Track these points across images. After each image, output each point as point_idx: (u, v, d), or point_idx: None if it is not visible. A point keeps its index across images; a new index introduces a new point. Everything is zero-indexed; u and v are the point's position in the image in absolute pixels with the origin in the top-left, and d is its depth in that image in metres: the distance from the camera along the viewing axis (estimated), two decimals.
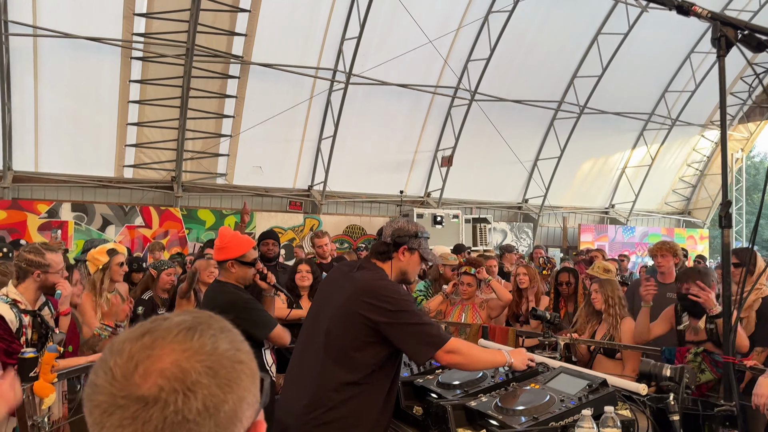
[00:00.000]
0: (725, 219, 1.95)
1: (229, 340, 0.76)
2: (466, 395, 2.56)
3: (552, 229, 16.54)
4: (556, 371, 2.59)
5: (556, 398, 2.33)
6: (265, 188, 12.68)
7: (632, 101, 15.22)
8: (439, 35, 11.72)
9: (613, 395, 2.33)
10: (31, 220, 10.38)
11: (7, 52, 9.66)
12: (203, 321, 0.77)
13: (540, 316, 3.79)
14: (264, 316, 3.31)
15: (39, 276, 3.19)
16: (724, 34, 1.98)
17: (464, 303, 4.92)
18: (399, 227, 2.61)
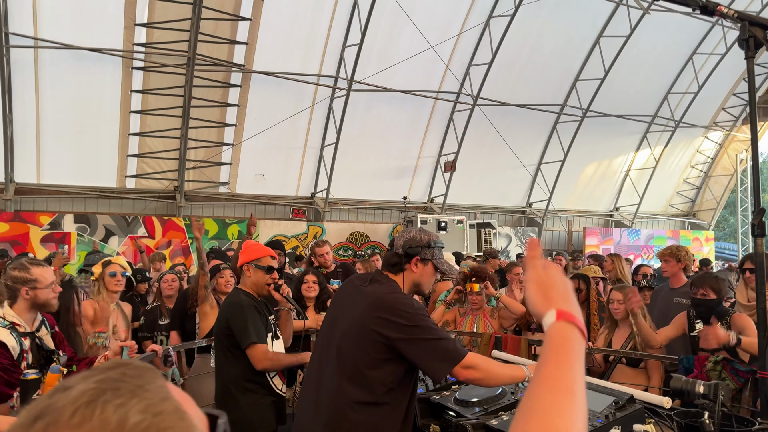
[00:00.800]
0: (758, 228, 1.87)
1: (143, 407, 0.60)
2: (485, 413, 2.48)
3: (557, 233, 16.45)
4: None
5: None
6: (268, 196, 12.62)
7: (635, 104, 15.16)
8: (441, 40, 11.68)
9: (641, 412, 2.25)
10: (33, 232, 10.32)
11: (8, 64, 9.62)
12: (109, 387, 0.61)
13: None
14: (253, 327, 3.18)
15: (28, 293, 3.05)
16: (753, 34, 1.90)
17: (475, 313, 4.84)
18: (411, 237, 2.52)
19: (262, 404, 3.19)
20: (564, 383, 0.82)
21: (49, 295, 3.06)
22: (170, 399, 0.63)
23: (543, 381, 0.83)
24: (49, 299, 3.07)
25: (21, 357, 3.06)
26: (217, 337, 3.35)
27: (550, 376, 0.83)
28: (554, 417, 0.78)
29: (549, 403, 0.79)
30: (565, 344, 0.88)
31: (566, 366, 0.84)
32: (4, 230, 10.09)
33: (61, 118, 10.36)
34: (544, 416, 0.78)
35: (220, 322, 3.31)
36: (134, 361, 0.67)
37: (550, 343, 0.89)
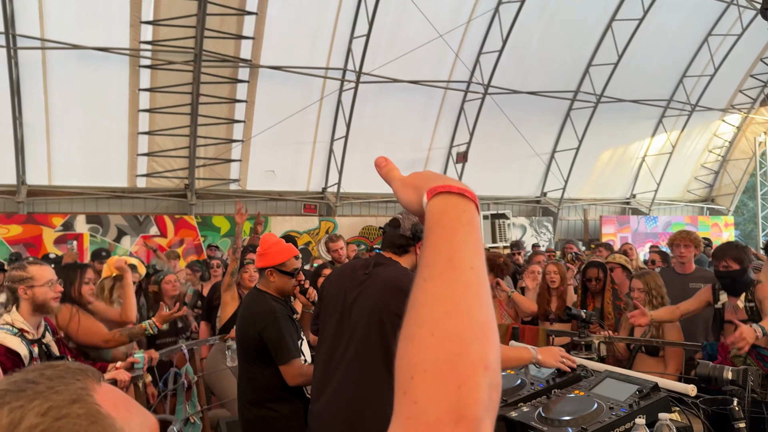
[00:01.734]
0: None
1: (44, 409, 0.57)
2: (505, 405, 2.36)
3: (573, 222, 16.23)
4: (600, 376, 2.38)
5: (604, 406, 2.12)
6: (279, 192, 12.54)
7: (650, 88, 14.86)
8: (450, 29, 11.50)
9: (666, 400, 2.12)
10: (46, 233, 10.33)
11: (16, 66, 9.62)
12: (14, 389, 0.59)
13: (575, 315, 3.58)
14: (290, 341, 3.00)
15: (26, 292, 2.97)
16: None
17: None
18: (417, 222, 2.48)
19: (298, 410, 3.03)
20: (451, 264, 0.65)
21: (48, 294, 2.98)
22: (83, 402, 0.60)
23: (433, 269, 0.65)
24: (48, 299, 2.98)
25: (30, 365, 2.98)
26: (244, 344, 3.11)
27: (438, 261, 0.65)
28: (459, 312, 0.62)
29: (445, 297, 0.62)
30: (442, 217, 0.70)
31: (448, 242, 0.67)
32: (17, 233, 10.11)
33: (71, 119, 10.36)
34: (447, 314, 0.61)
35: (248, 330, 3.05)
36: (68, 363, 0.66)
37: (427, 225, 0.71)
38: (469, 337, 0.60)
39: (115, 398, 0.64)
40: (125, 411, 0.63)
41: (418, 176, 0.83)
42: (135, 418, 0.63)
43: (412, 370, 0.59)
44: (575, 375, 2.48)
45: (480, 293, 0.64)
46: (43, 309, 3.01)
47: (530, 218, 15.26)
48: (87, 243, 10.62)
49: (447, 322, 0.61)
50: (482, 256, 0.68)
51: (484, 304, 0.64)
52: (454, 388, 0.57)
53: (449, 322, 0.60)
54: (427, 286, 0.64)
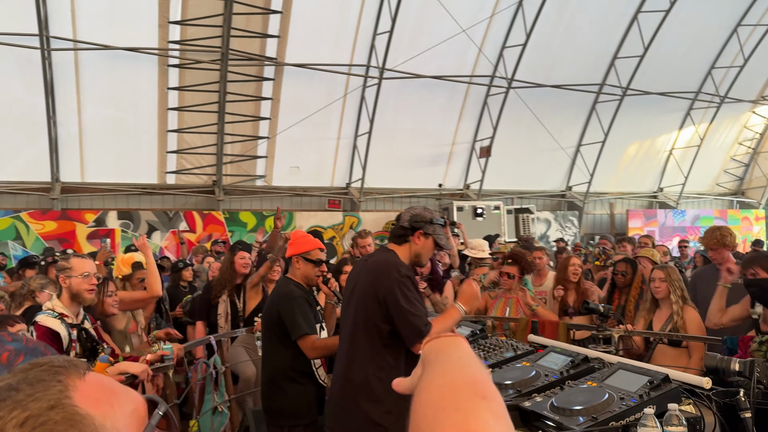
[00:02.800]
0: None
1: (23, 419, 0.58)
2: (519, 395, 2.44)
3: (599, 217, 16.11)
4: (613, 367, 2.45)
5: (615, 396, 2.19)
6: (304, 188, 12.71)
7: (677, 80, 14.65)
8: (473, 23, 11.51)
9: (676, 391, 2.18)
10: (79, 229, 10.64)
11: (50, 67, 9.91)
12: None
13: (593, 309, 3.63)
14: (303, 318, 3.24)
15: (64, 281, 3.21)
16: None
17: (507, 296, 4.77)
18: (416, 213, 2.83)
19: (307, 393, 3.27)
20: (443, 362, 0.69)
21: (82, 285, 3.18)
22: (61, 407, 0.60)
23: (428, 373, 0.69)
24: (82, 289, 3.18)
25: (69, 347, 3.19)
26: (267, 325, 3.40)
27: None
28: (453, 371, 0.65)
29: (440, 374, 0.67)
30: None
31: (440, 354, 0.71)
32: (51, 228, 10.44)
33: (102, 118, 10.64)
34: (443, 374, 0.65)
35: (270, 312, 3.35)
36: (54, 359, 0.66)
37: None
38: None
39: (97, 392, 0.64)
40: (106, 405, 0.63)
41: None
42: (118, 409, 0.64)
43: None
44: (588, 366, 2.55)
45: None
46: (78, 298, 3.23)
47: (555, 213, 15.19)
48: (119, 238, 10.91)
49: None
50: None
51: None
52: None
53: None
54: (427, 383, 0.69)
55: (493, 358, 2.92)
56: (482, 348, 3.07)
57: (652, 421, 1.98)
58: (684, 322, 4.02)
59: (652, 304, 4.14)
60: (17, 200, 10.66)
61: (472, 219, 12.40)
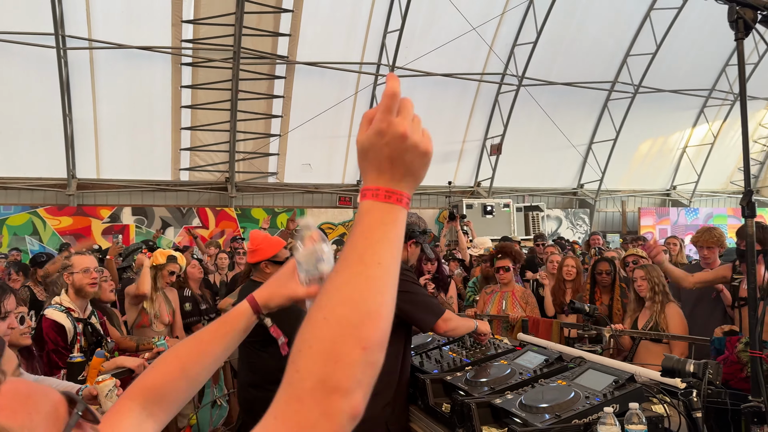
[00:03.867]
0: (748, 208, 1.86)
1: None
2: (492, 392, 2.54)
3: (610, 215, 16.06)
4: (584, 367, 2.53)
5: (581, 395, 2.28)
6: (315, 185, 12.85)
7: (691, 77, 14.54)
8: (483, 21, 11.54)
9: (639, 391, 2.26)
10: (95, 225, 10.90)
11: (66, 65, 10.15)
12: None
13: (578, 309, 3.71)
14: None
15: (68, 278, 3.37)
16: (742, 16, 1.88)
17: (503, 290, 4.87)
18: (411, 222, 2.94)
19: None
20: (361, 259, 0.76)
21: (83, 280, 3.34)
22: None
23: (344, 261, 0.77)
24: (83, 284, 3.35)
25: (75, 339, 3.35)
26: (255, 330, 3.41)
27: (346, 256, 0.77)
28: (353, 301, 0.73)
29: (346, 287, 0.74)
30: (366, 216, 0.80)
31: (365, 238, 0.77)
32: (68, 224, 10.70)
33: (117, 116, 10.86)
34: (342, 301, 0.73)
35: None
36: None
37: (354, 220, 0.82)
38: (355, 322, 0.72)
39: (12, 402, 0.63)
40: (24, 413, 0.63)
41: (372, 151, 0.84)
42: (35, 416, 0.64)
43: (301, 345, 0.71)
44: (562, 365, 2.64)
45: (380, 285, 0.75)
46: (81, 293, 3.39)
47: (566, 210, 15.18)
48: (133, 234, 11.15)
49: (340, 309, 0.72)
50: (395, 252, 0.78)
51: (381, 294, 0.75)
52: (331, 364, 0.69)
53: (342, 309, 0.73)
54: (333, 276, 0.76)
55: (474, 356, 3.01)
56: (465, 347, 3.17)
57: (611, 419, 2.07)
58: (665, 317, 4.09)
59: (637, 302, 4.22)
60: (34, 196, 10.93)
61: (482, 217, 12.45)
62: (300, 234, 1.16)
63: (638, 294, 4.12)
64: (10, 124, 10.23)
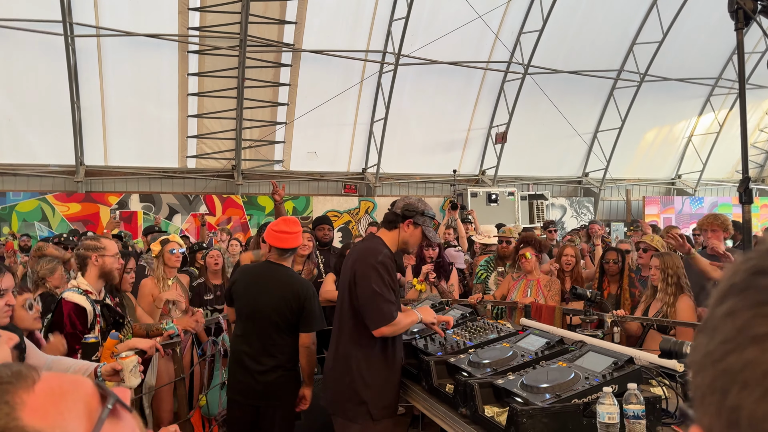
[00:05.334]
0: (746, 195, 1.92)
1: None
2: (495, 373, 2.62)
3: (615, 203, 16.08)
4: (584, 349, 2.61)
5: (581, 376, 2.36)
6: (321, 173, 12.92)
7: (697, 66, 14.50)
8: (489, 9, 11.52)
9: (638, 372, 2.34)
10: (103, 211, 11.01)
11: (74, 53, 10.21)
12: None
13: (580, 294, 3.78)
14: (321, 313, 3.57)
15: (97, 260, 3.39)
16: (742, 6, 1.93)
17: (528, 278, 4.91)
18: (410, 203, 2.98)
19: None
20: None
21: (114, 264, 3.40)
22: (8, 429, 0.61)
23: None
24: (113, 269, 3.41)
25: (95, 321, 3.42)
26: (280, 311, 3.36)
27: None
28: None
29: None
30: None
31: None
32: (76, 210, 10.81)
33: (124, 103, 10.93)
34: None
35: (289, 300, 3.32)
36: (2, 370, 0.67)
37: None
38: None
39: (46, 403, 0.64)
40: (55, 414, 0.63)
41: None
42: (67, 415, 0.64)
43: None
44: (563, 348, 2.72)
45: None
46: (108, 276, 3.44)
47: (570, 199, 15.21)
48: (141, 221, 11.26)
49: None
50: None
51: None
52: None
53: None
54: None
55: (477, 339, 3.10)
56: (469, 330, 3.25)
57: (609, 398, 2.15)
58: (675, 310, 4.13)
59: (652, 291, 4.26)
60: (43, 183, 11.04)
61: (486, 205, 12.50)
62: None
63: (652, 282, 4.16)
64: (19, 111, 10.32)
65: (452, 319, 3.22)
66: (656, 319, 4.20)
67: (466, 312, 3.47)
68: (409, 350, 3.20)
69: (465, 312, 3.47)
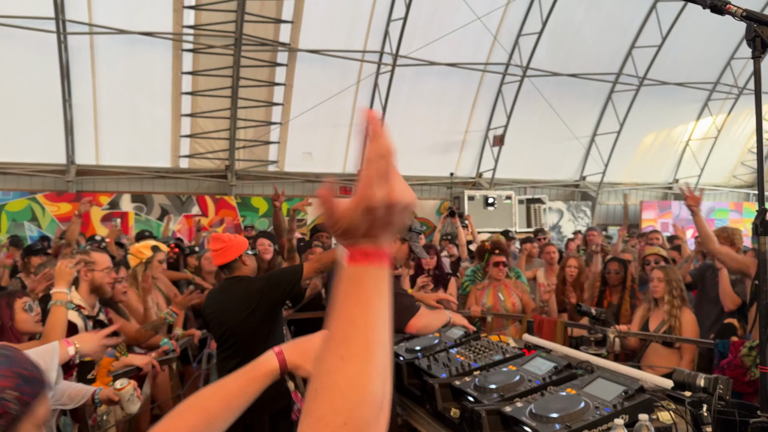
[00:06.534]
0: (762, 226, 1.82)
1: None
2: (502, 399, 2.51)
3: (612, 207, 16.02)
4: (593, 375, 2.50)
5: (591, 405, 2.25)
6: (316, 174, 12.78)
7: (695, 70, 14.44)
8: (489, 11, 11.42)
9: (649, 402, 2.23)
10: (94, 211, 10.84)
11: (66, 50, 10.03)
12: None
13: (585, 312, 3.68)
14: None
15: (87, 274, 3.29)
16: (759, 34, 1.83)
17: (495, 283, 4.85)
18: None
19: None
20: (366, 342, 0.73)
21: (104, 278, 3.28)
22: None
23: (342, 345, 0.73)
24: (104, 283, 3.29)
25: None
26: (248, 321, 3.29)
27: (348, 337, 0.73)
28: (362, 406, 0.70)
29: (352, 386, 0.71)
30: (360, 286, 0.77)
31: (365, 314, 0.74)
32: (66, 210, 10.64)
33: (117, 101, 10.76)
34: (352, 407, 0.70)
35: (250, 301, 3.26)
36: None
37: (342, 287, 0.78)
38: (372, 420, 0.70)
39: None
40: None
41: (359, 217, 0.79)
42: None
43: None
44: (570, 373, 2.60)
45: (387, 372, 0.73)
46: (99, 291, 3.33)
47: (568, 203, 15.13)
48: (132, 221, 11.10)
49: (359, 411, 0.70)
50: (389, 320, 0.76)
51: (387, 382, 0.73)
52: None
53: (360, 411, 0.70)
54: (344, 367, 0.71)
55: (482, 360, 2.98)
56: (473, 349, 3.13)
57: (621, 430, 2.04)
58: (680, 324, 4.05)
59: (652, 302, 4.18)
60: (33, 182, 10.86)
61: (483, 208, 12.41)
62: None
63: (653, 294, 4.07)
64: (10, 108, 10.12)
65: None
66: (659, 335, 4.11)
67: (468, 329, 3.36)
68: (412, 370, 3.08)
69: (467, 329, 3.35)
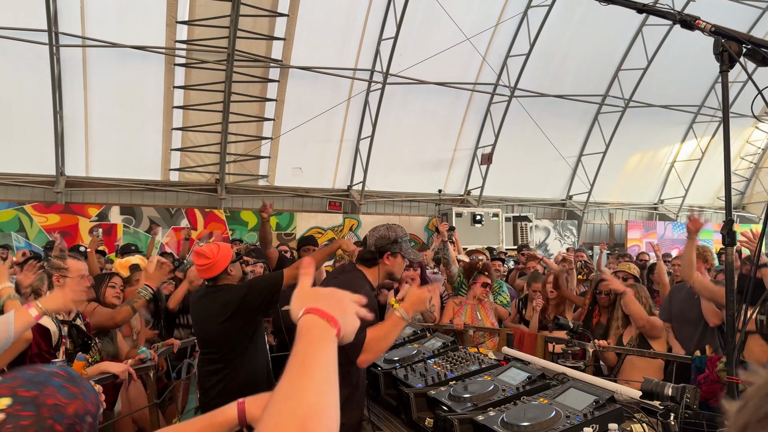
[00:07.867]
0: (729, 237, 1.91)
1: None
2: (475, 408, 2.56)
3: (598, 226, 16.19)
4: (566, 385, 2.57)
5: (562, 414, 2.31)
6: (305, 189, 12.86)
7: (680, 93, 14.72)
8: (478, 32, 11.62)
9: (619, 412, 2.30)
10: (82, 223, 10.83)
11: (58, 62, 10.10)
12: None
13: (563, 325, 3.75)
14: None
15: (59, 280, 3.30)
16: (727, 49, 1.93)
17: (473, 303, 4.93)
18: (380, 236, 2.86)
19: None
20: (305, 364, 0.89)
21: (78, 284, 3.29)
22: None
23: (289, 368, 0.89)
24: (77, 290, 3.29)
25: (60, 342, 3.31)
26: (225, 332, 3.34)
27: (294, 362, 0.89)
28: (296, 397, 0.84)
29: (290, 386, 0.86)
30: (308, 332, 0.96)
31: (308, 350, 0.92)
32: (55, 221, 10.63)
33: (108, 114, 10.81)
34: (287, 398, 0.84)
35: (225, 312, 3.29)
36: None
37: (297, 333, 0.96)
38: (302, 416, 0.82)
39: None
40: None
41: (310, 293, 1.07)
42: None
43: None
44: (544, 383, 2.67)
45: (317, 390, 0.86)
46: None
47: (554, 221, 15.28)
48: (120, 233, 11.09)
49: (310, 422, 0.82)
50: (331, 361, 0.92)
51: (320, 395, 0.86)
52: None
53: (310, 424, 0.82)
54: (284, 383, 0.87)
55: (458, 370, 3.04)
56: (450, 360, 3.19)
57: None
58: (650, 326, 4.16)
59: (624, 320, 4.28)
60: (22, 192, 10.85)
61: (471, 225, 12.51)
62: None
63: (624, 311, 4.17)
64: (0, 119, 10.15)
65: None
66: (636, 349, 4.20)
67: (447, 341, 3.42)
68: (390, 380, 3.13)
69: (447, 341, 3.42)
